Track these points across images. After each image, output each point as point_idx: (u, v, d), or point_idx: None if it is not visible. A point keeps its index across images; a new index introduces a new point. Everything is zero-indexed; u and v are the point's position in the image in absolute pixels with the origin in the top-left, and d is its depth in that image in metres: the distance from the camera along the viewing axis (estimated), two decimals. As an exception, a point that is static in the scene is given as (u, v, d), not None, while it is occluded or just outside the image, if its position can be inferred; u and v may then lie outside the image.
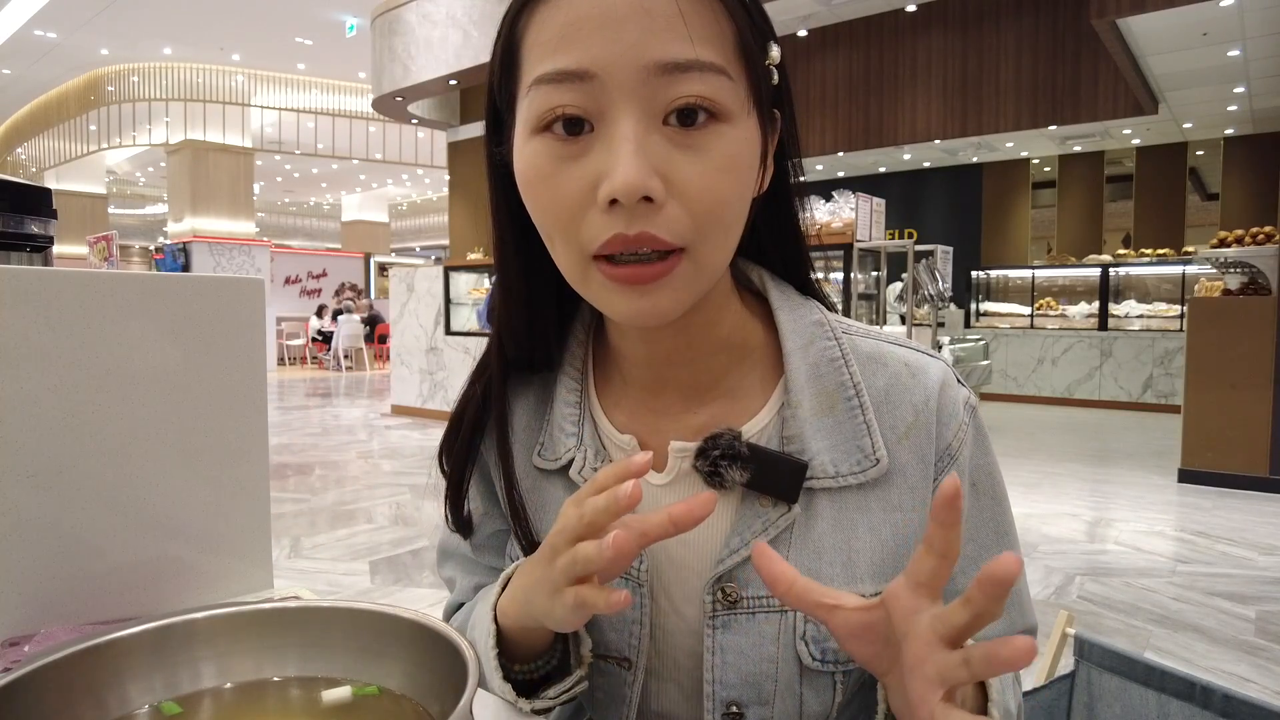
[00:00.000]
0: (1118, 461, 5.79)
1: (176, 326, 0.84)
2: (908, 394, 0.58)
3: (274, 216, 25.55)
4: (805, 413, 0.56)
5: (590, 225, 0.47)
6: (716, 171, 0.47)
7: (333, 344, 14.10)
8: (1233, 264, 5.10)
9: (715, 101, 0.46)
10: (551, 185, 0.48)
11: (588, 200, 0.47)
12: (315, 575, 3.35)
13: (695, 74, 0.45)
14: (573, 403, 0.62)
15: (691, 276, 0.49)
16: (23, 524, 0.74)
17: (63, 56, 14.96)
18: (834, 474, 0.55)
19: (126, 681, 0.47)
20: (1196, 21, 6.38)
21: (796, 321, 0.59)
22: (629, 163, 0.45)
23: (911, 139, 9.03)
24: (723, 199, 0.48)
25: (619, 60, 0.45)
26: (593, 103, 0.46)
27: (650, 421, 0.60)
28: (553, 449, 0.61)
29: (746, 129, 0.49)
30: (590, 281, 0.50)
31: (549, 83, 0.47)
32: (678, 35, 0.45)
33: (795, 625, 0.55)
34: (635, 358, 0.60)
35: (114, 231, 3.18)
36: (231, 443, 0.89)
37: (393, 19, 8.76)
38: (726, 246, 0.51)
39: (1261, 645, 2.65)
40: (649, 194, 0.45)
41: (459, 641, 0.44)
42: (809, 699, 0.56)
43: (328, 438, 6.88)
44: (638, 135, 0.45)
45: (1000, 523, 0.61)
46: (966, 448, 0.59)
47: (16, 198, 1.05)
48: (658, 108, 0.46)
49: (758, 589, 0.56)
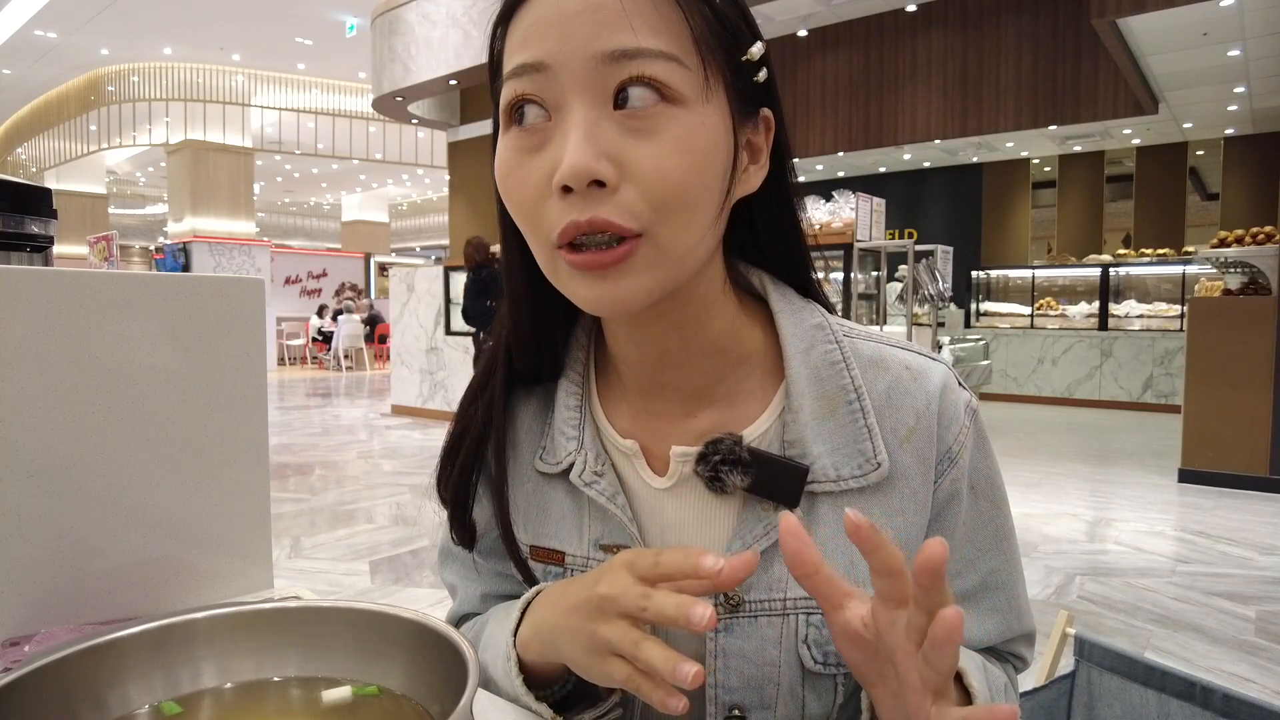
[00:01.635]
0: (1118, 461, 5.79)
1: (176, 326, 0.84)
2: (909, 397, 0.58)
3: (274, 216, 25.55)
4: (806, 416, 0.56)
5: (549, 214, 0.49)
6: (670, 154, 0.47)
7: (333, 344, 14.10)
8: (1233, 264, 5.10)
9: (663, 84, 0.47)
10: (516, 178, 0.50)
11: (546, 190, 0.48)
12: (315, 575, 3.35)
13: (643, 60, 0.47)
14: (573, 406, 0.62)
15: (653, 260, 0.49)
16: (23, 524, 0.74)
17: (63, 56, 14.96)
18: (835, 478, 0.55)
19: (126, 681, 0.47)
20: (1197, 21, 6.38)
21: (797, 325, 0.59)
22: (576, 147, 0.46)
23: (911, 139, 9.04)
24: (677, 181, 0.47)
25: (569, 51, 0.47)
26: (549, 93, 0.48)
27: (651, 425, 0.60)
28: (554, 453, 0.61)
29: (704, 115, 0.48)
30: (559, 271, 0.51)
31: (512, 77, 0.49)
32: (624, 27, 0.47)
33: (797, 629, 0.55)
34: (630, 360, 0.60)
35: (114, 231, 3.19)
36: (231, 443, 0.89)
37: (393, 19, 8.76)
38: (690, 230, 0.50)
39: (1261, 645, 2.65)
40: (598, 177, 0.46)
41: (459, 641, 0.44)
42: (810, 702, 0.56)
43: (328, 438, 6.88)
44: (587, 122, 0.47)
45: (999, 526, 0.61)
46: (967, 451, 0.59)
47: (16, 198, 1.05)
48: (607, 93, 0.47)
49: (760, 593, 0.56)
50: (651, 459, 0.60)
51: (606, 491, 0.59)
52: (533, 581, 0.63)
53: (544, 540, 0.62)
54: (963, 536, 0.59)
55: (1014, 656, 0.64)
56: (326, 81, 16.77)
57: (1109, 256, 9.43)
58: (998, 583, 0.61)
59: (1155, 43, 6.89)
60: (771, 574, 0.56)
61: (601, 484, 0.59)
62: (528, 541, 0.63)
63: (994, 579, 0.61)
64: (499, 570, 0.68)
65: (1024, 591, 0.63)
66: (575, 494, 0.61)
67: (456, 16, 8.12)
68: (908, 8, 8.65)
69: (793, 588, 0.55)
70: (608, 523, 0.59)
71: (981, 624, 0.60)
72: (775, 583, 0.56)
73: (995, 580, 0.61)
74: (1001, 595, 0.61)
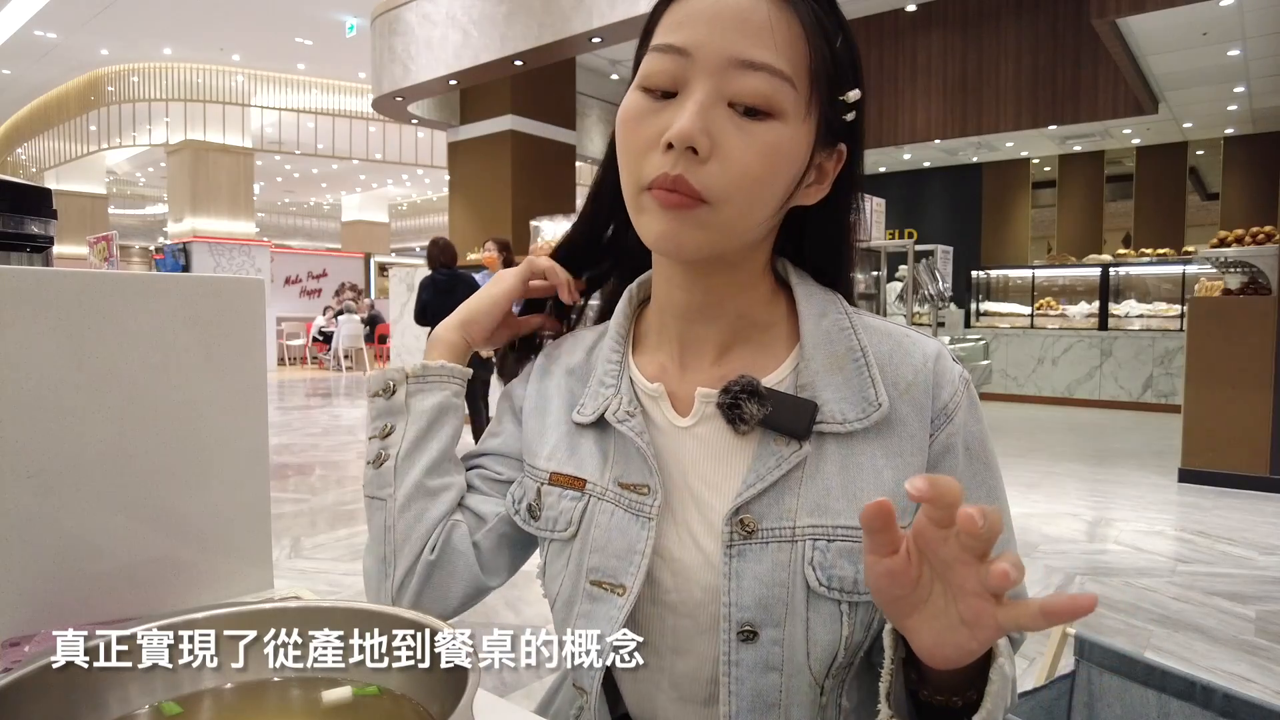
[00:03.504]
0: (1118, 461, 5.79)
1: (176, 326, 0.84)
2: (908, 357, 0.65)
3: (274, 217, 25.53)
4: (817, 367, 0.64)
5: (649, 163, 0.58)
6: (756, 153, 0.57)
7: (333, 344, 14.09)
8: (1233, 264, 5.10)
9: (771, 101, 0.56)
10: (633, 127, 0.59)
11: (654, 144, 0.58)
12: (315, 575, 3.35)
13: (765, 74, 0.56)
14: (615, 361, 0.70)
15: (709, 222, 0.58)
16: (23, 524, 0.74)
17: (63, 57, 14.95)
18: (842, 420, 0.62)
19: (126, 681, 0.47)
20: (1196, 21, 6.38)
21: (811, 298, 0.67)
22: (688, 118, 0.55)
23: (911, 139, 9.04)
24: (754, 173, 0.57)
25: (711, 46, 0.56)
26: (681, 74, 0.57)
27: (679, 374, 0.68)
28: (592, 402, 0.68)
29: (795, 131, 0.58)
30: (642, 207, 0.60)
31: (658, 51, 0.59)
32: (762, 43, 0.56)
33: (804, 552, 0.60)
34: (673, 306, 0.68)
35: (114, 232, 3.19)
36: (231, 443, 0.89)
37: (393, 19, 8.76)
38: (749, 215, 0.59)
39: (1262, 645, 2.65)
40: (695, 144, 0.55)
41: (459, 641, 0.44)
42: (814, 624, 0.60)
43: (328, 438, 6.88)
44: (704, 103, 0.56)
45: (992, 486, 0.66)
46: (961, 411, 0.64)
47: (16, 198, 1.05)
48: (728, 91, 0.56)
49: (772, 521, 0.61)
50: (676, 402, 0.67)
51: (636, 429, 0.65)
52: (536, 503, 0.70)
53: (566, 468, 0.68)
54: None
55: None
56: (326, 81, 16.76)
57: (1109, 256, 9.43)
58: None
59: (1155, 43, 6.89)
60: (783, 504, 0.61)
61: (632, 422, 0.65)
62: (550, 469, 0.69)
63: None
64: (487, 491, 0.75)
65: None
66: (603, 438, 0.68)
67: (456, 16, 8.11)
68: (908, 8, 8.64)
69: (801, 517, 0.61)
70: (629, 463, 0.65)
71: None
72: (786, 512, 0.61)
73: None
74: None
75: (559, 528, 0.67)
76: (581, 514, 0.66)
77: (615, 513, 0.65)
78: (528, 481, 0.71)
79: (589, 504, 0.66)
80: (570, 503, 0.67)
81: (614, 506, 0.65)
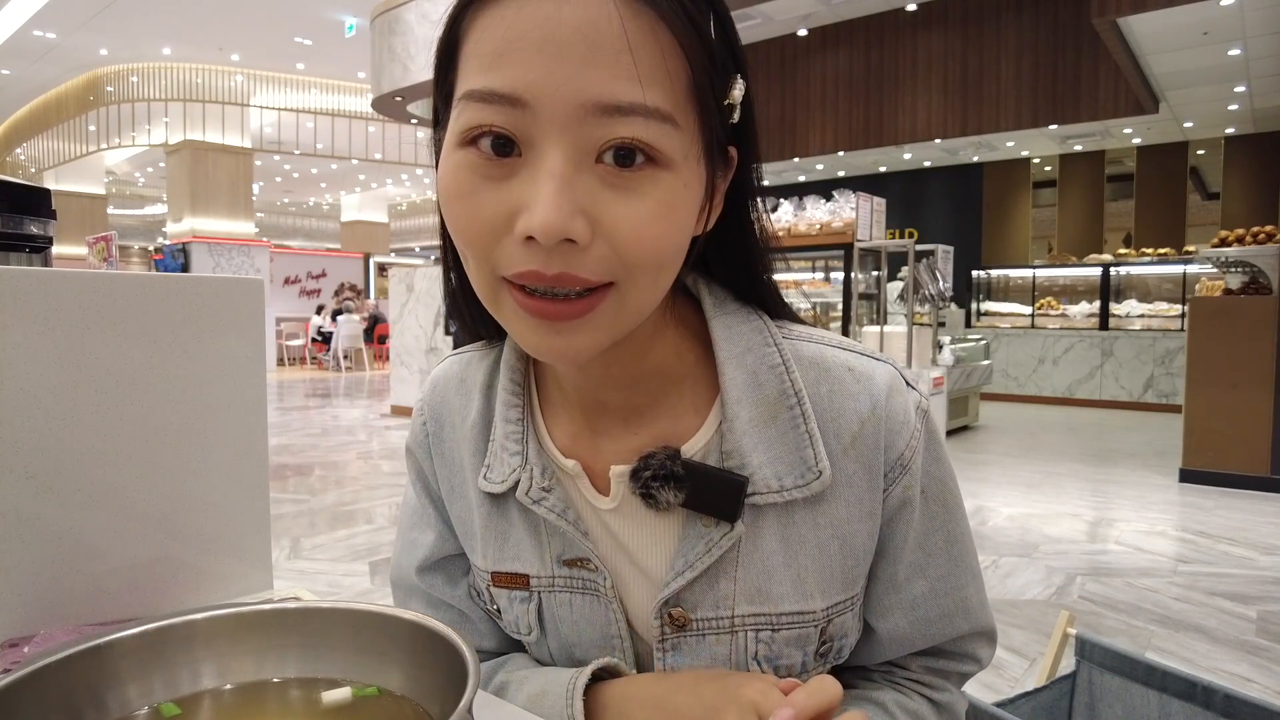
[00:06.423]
0: (1119, 461, 5.79)
1: (176, 326, 0.83)
2: (852, 401, 0.56)
3: (273, 217, 25.54)
4: (744, 424, 0.54)
5: (505, 253, 0.45)
6: (650, 217, 0.44)
7: (332, 344, 14.10)
8: (1233, 263, 5.10)
9: (655, 148, 0.43)
10: (470, 204, 0.45)
11: (505, 227, 0.44)
12: (315, 576, 3.35)
13: (638, 119, 0.42)
14: (514, 419, 0.60)
15: (614, 315, 0.46)
16: (23, 524, 0.74)
17: (62, 56, 14.94)
18: (778, 488, 0.54)
19: (126, 682, 0.47)
20: (1197, 21, 6.37)
21: (730, 329, 0.57)
22: (550, 202, 0.41)
23: (912, 138, 9.04)
24: (655, 245, 0.45)
25: (556, 91, 0.41)
26: (522, 129, 0.43)
27: (593, 443, 0.59)
28: (499, 470, 0.59)
29: (688, 177, 0.46)
30: (502, 306, 0.47)
31: (479, 100, 0.43)
32: (623, 73, 0.42)
33: (747, 645, 0.55)
34: (570, 382, 0.58)
35: (113, 232, 3.18)
36: (231, 443, 0.89)
37: (392, 19, 8.75)
38: (657, 288, 0.48)
39: (1263, 645, 2.65)
40: (570, 236, 0.42)
41: (459, 642, 0.44)
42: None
43: (327, 438, 6.88)
44: (565, 173, 0.42)
45: (951, 530, 0.60)
46: (919, 457, 0.57)
47: (16, 198, 1.05)
48: (591, 146, 0.43)
49: (707, 610, 0.55)
50: (595, 478, 0.58)
51: (556, 508, 0.57)
52: (493, 604, 0.63)
53: (505, 565, 0.61)
54: (914, 542, 0.59)
55: (968, 657, 0.64)
56: (326, 81, 16.75)
57: (1109, 256, 9.43)
58: (946, 588, 0.60)
59: (1155, 42, 6.89)
60: (718, 590, 0.55)
61: (550, 499, 0.57)
62: (488, 568, 0.62)
63: (943, 584, 0.60)
64: (456, 606, 0.67)
65: (977, 592, 0.62)
66: (528, 512, 0.59)
67: (456, 16, 8.11)
68: (908, 7, 8.64)
69: (740, 604, 0.55)
70: (564, 535, 0.58)
71: (929, 627, 0.60)
72: (721, 600, 0.55)
73: (944, 586, 0.60)
74: (950, 599, 0.61)
75: (523, 632, 0.62)
76: (538, 614, 0.61)
77: (573, 601, 0.59)
78: (476, 578, 0.65)
79: (540, 601, 0.60)
80: (521, 605, 0.61)
81: (569, 594, 0.59)
